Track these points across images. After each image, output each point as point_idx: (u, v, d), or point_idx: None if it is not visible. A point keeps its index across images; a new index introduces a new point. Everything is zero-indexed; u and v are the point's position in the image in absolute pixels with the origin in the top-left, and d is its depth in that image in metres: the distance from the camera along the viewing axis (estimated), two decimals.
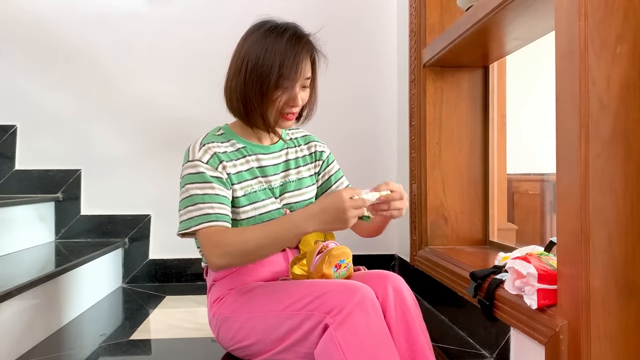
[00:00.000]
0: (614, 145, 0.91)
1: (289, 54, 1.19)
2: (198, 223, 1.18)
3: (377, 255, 2.39)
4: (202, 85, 2.33)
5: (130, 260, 2.32)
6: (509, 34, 1.50)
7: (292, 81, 1.21)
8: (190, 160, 1.23)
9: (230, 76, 1.26)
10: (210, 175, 1.21)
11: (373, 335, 1.02)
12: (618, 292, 0.91)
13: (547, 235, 2.45)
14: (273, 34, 1.21)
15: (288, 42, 1.20)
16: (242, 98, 1.22)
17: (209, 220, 1.18)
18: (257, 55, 1.19)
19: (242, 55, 1.23)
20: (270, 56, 1.18)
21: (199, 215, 1.18)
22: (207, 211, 1.18)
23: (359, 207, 1.08)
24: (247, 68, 1.20)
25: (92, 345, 1.49)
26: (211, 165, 1.22)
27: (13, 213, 1.94)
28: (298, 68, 1.20)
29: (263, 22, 1.26)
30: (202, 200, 1.19)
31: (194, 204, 1.19)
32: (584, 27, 0.91)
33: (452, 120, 1.93)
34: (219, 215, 1.19)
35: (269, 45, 1.19)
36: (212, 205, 1.19)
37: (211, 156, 1.23)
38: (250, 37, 1.24)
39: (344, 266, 1.21)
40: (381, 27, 2.45)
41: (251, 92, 1.21)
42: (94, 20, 2.34)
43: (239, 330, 1.21)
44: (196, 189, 1.20)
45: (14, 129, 2.31)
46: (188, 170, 1.23)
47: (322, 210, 1.10)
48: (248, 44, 1.23)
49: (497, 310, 1.20)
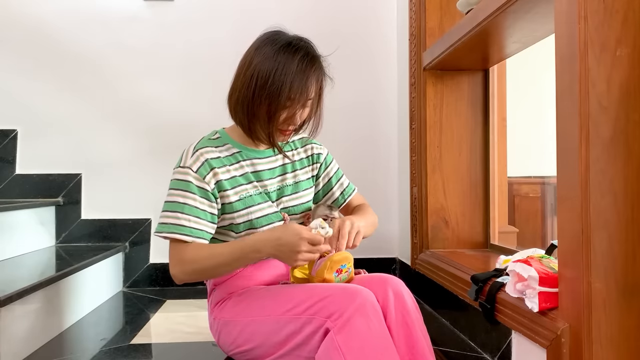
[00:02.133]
0: (614, 148, 0.91)
1: (299, 77, 1.19)
2: (171, 231, 1.20)
3: (377, 259, 2.38)
4: (203, 89, 2.34)
5: (131, 265, 2.32)
6: (509, 37, 1.50)
7: (296, 103, 1.21)
8: (180, 166, 1.24)
9: (238, 87, 1.24)
10: (196, 186, 1.22)
11: (374, 339, 1.02)
12: (619, 294, 0.91)
13: (547, 238, 2.45)
14: (285, 52, 1.20)
15: (300, 64, 1.20)
16: (248, 113, 1.23)
17: (182, 233, 1.20)
18: (267, 73, 1.19)
19: (252, 69, 1.21)
20: (281, 76, 1.18)
21: (174, 224, 1.20)
22: (182, 222, 1.20)
23: (312, 252, 1.12)
24: (256, 83, 1.20)
25: (93, 349, 1.49)
26: (200, 175, 1.23)
27: (14, 217, 1.94)
28: (306, 91, 1.21)
29: (275, 35, 1.25)
30: (182, 209, 1.21)
31: (173, 211, 1.21)
32: (583, 30, 0.91)
33: (453, 124, 1.93)
34: (192, 230, 1.21)
35: (280, 65, 1.19)
36: (189, 218, 1.21)
37: (202, 164, 1.23)
38: (262, 51, 1.22)
39: (345, 271, 1.21)
40: (381, 31, 2.45)
41: (258, 109, 1.21)
42: (95, 25, 2.35)
43: (239, 335, 1.21)
44: (179, 196, 1.22)
45: (15, 133, 2.32)
46: (177, 176, 1.24)
47: (279, 243, 1.13)
48: (259, 57, 1.21)
49: (499, 313, 1.20)
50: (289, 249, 1.11)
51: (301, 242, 1.10)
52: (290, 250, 1.11)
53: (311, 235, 1.11)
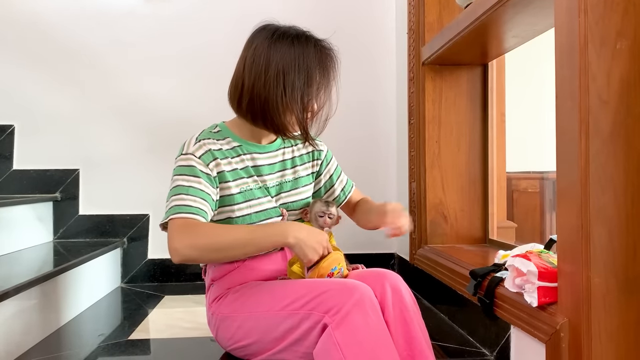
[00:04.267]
0: (614, 142, 0.91)
1: (320, 65, 1.22)
2: (175, 212, 1.15)
3: (376, 254, 2.38)
4: (201, 84, 2.33)
5: (129, 260, 2.31)
6: (508, 32, 1.49)
7: (315, 93, 1.22)
8: (183, 153, 1.23)
9: (252, 80, 1.21)
10: (200, 170, 1.21)
11: (372, 334, 1.02)
12: (619, 289, 0.91)
13: (546, 233, 2.45)
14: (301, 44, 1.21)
15: (316, 56, 1.22)
16: (275, 111, 1.21)
17: (188, 212, 1.15)
18: (286, 65, 1.19)
19: (266, 62, 1.20)
20: (302, 67, 1.20)
21: (179, 205, 1.16)
22: (188, 203, 1.16)
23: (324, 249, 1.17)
24: (275, 75, 1.19)
25: (91, 345, 1.48)
26: (203, 161, 1.22)
27: (11, 213, 1.94)
28: (327, 78, 1.23)
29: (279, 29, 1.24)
30: (187, 192, 1.18)
31: (177, 194, 1.18)
32: (583, 23, 0.91)
33: (451, 119, 1.93)
34: (199, 210, 1.17)
35: (298, 56, 1.20)
36: (195, 198, 1.17)
37: (205, 152, 1.23)
38: (278, 44, 1.21)
39: (337, 272, 1.21)
40: (379, 26, 2.44)
41: (290, 105, 1.20)
42: (92, 20, 2.34)
43: (237, 330, 1.21)
44: (183, 180, 1.19)
45: (12, 128, 2.31)
46: (179, 163, 1.22)
47: (302, 229, 1.15)
48: (273, 51, 1.20)
49: (497, 308, 1.20)
50: (315, 239, 1.14)
51: (324, 235, 1.17)
52: (315, 240, 1.14)
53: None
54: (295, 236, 1.12)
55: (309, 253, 1.13)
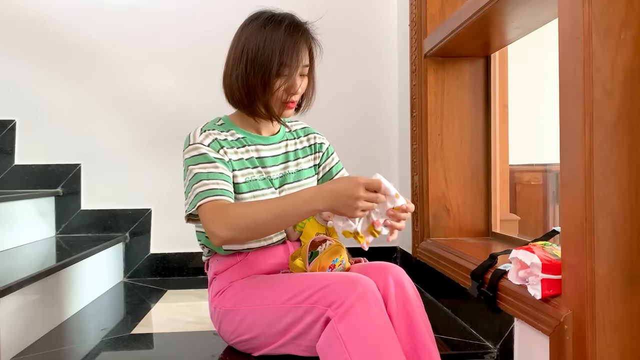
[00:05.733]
0: (618, 133, 0.90)
1: (288, 42, 1.19)
2: (202, 198, 1.15)
3: (379, 248, 2.37)
4: (202, 78, 2.32)
5: (131, 255, 2.31)
6: (511, 23, 1.48)
7: (292, 69, 1.21)
8: (191, 144, 1.23)
9: (230, 67, 1.25)
10: (213, 156, 1.21)
11: (375, 328, 1.02)
12: (623, 281, 0.90)
13: (549, 226, 2.44)
14: (271, 23, 1.21)
15: (286, 31, 1.20)
16: (245, 88, 1.22)
17: (215, 195, 1.15)
18: (257, 45, 1.20)
19: (241, 46, 1.23)
20: (270, 45, 1.18)
21: (204, 190, 1.16)
22: (212, 186, 1.16)
23: (371, 200, 1.04)
24: (247, 58, 1.20)
25: (94, 339, 1.48)
26: (213, 148, 1.22)
27: (13, 208, 1.94)
28: (297, 55, 1.21)
29: (260, 13, 1.27)
30: (207, 177, 1.18)
31: (198, 181, 1.18)
32: (587, 13, 0.90)
33: (454, 111, 1.92)
34: (224, 191, 1.17)
35: (268, 35, 1.19)
36: (217, 181, 1.18)
37: (212, 140, 1.24)
38: (248, 28, 1.24)
39: (339, 264, 1.20)
40: (381, 17, 2.42)
41: (253, 81, 1.21)
42: (93, 15, 2.32)
43: (240, 324, 1.21)
44: (199, 168, 1.19)
45: (13, 123, 2.30)
46: (191, 153, 1.22)
47: (335, 192, 1.04)
48: (246, 34, 1.23)
49: (501, 301, 1.20)
50: (348, 194, 1.02)
51: (359, 187, 1.03)
52: (348, 196, 1.02)
53: (368, 180, 1.05)
54: (323, 202, 1.06)
55: (350, 209, 1.04)
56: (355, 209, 1.03)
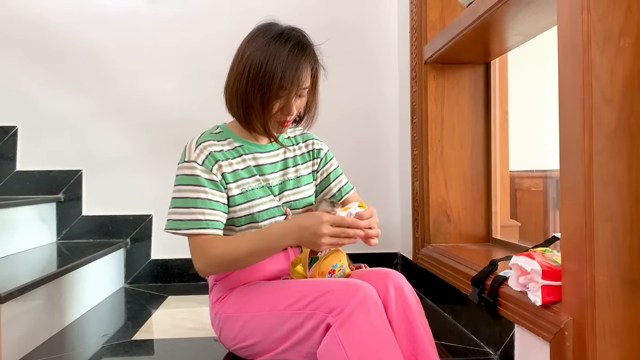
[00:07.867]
0: (617, 139, 0.90)
1: (291, 65, 1.19)
2: (188, 227, 1.20)
3: (379, 254, 2.38)
4: (202, 84, 2.33)
5: (132, 261, 2.31)
6: (511, 30, 1.49)
7: (291, 92, 1.21)
8: (186, 161, 1.24)
9: (232, 80, 1.25)
10: (205, 179, 1.22)
11: (376, 334, 1.02)
12: (623, 288, 0.90)
13: (550, 232, 2.44)
14: (277, 42, 1.20)
15: (290, 53, 1.19)
16: (243, 105, 1.23)
17: (199, 227, 1.20)
18: (259, 63, 1.19)
19: (244, 61, 1.22)
20: (272, 67, 1.18)
21: (190, 219, 1.20)
22: (197, 217, 1.20)
23: (336, 235, 1.09)
24: (249, 74, 1.20)
25: (95, 345, 1.48)
26: (206, 167, 1.23)
27: (14, 214, 1.94)
28: (298, 80, 1.20)
29: (268, 26, 1.25)
30: (195, 204, 1.20)
31: (186, 207, 1.21)
32: (586, 21, 0.90)
33: (454, 118, 1.92)
34: (209, 222, 1.20)
35: (271, 55, 1.18)
36: (203, 210, 1.20)
37: (207, 156, 1.24)
38: (254, 42, 1.22)
39: (338, 269, 1.21)
40: (382, 24, 2.44)
41: (252, 100, 1.21)
42: (95, 21, 2.34)
43: (241, 330, 1.21)
44: (189, 191, 1.21)
45: (15, 130, 2.31)
46: (183, 171, 1.23)
47: (300, 228, 1.11)
48: (251, 49, 1.21)
49: (501, 307, 1.20)
50: (311, 232, 1.09)
51: (322, 225, 1.08)
52: (312, 233, 1.09)
53: (332, 217, 1.09)
54: (291, 237, 1.13)
55: (315, 245, 1.11)
56: (320, 245, 1.09)
